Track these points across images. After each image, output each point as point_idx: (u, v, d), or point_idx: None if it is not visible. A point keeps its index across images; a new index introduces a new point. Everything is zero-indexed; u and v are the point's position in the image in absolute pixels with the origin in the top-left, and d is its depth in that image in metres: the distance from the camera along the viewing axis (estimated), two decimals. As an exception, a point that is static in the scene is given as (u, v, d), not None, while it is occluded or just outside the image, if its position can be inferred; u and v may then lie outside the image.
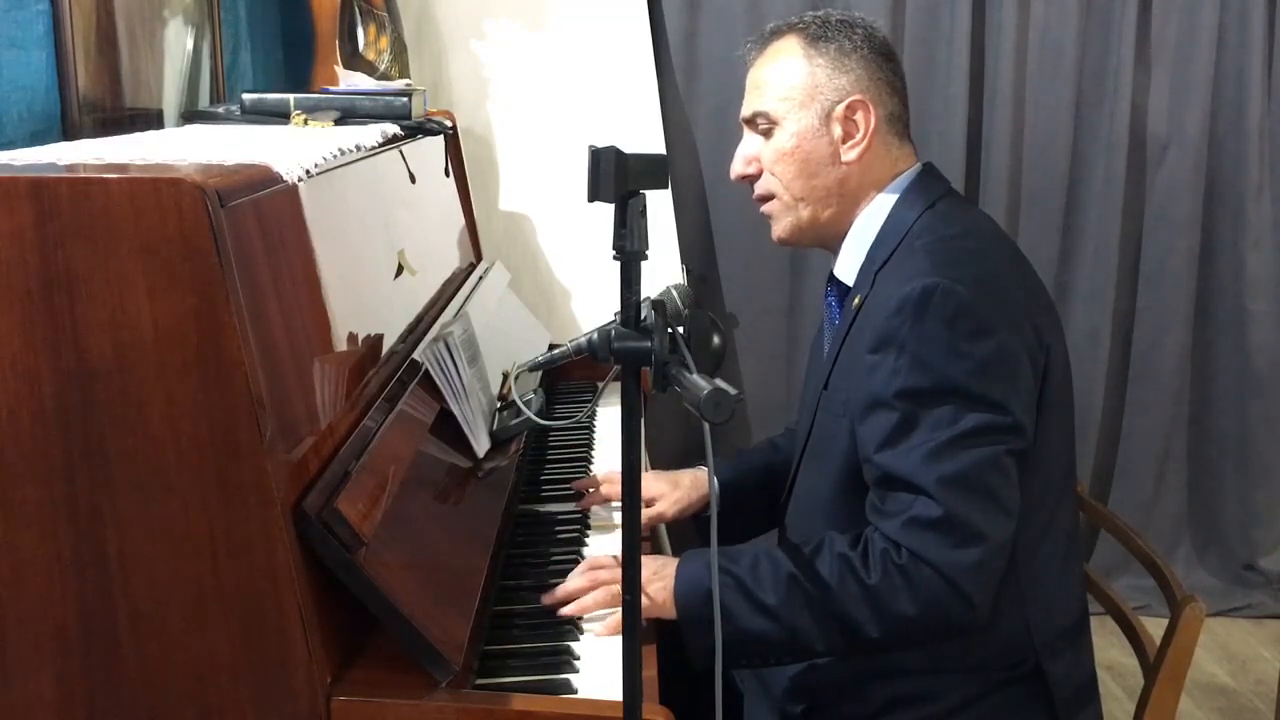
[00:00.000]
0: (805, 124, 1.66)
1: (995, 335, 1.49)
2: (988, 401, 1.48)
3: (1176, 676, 1.58)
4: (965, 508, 1.46)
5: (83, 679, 1.23)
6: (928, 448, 1.47)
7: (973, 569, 1.46)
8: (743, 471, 1.96)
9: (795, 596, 1.49)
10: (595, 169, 1.19)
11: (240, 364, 1.18)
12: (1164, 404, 3.50)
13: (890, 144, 1.69)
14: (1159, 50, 3.35)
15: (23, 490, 1.20)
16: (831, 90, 1.65)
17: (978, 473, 1.47)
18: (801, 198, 1.68)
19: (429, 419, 1.63)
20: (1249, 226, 3.42)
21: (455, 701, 1.28)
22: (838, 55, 1.66)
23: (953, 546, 1.45)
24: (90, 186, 1.16)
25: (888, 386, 1.51)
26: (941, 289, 1.49)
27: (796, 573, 1.50)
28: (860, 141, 1.65)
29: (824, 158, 1.66)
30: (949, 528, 1.45)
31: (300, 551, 1.23)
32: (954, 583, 1.45)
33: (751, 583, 1.50)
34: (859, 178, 1.67)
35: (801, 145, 1.66)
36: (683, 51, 3.31)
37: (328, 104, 2.04)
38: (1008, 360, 1.50)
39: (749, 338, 3.46)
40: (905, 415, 1.49)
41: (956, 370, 1.48)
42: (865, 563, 1.48)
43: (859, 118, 1.65)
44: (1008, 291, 1.56)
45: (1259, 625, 3.46)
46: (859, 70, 1.66)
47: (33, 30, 1.73)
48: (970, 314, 1.49)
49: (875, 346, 1.54)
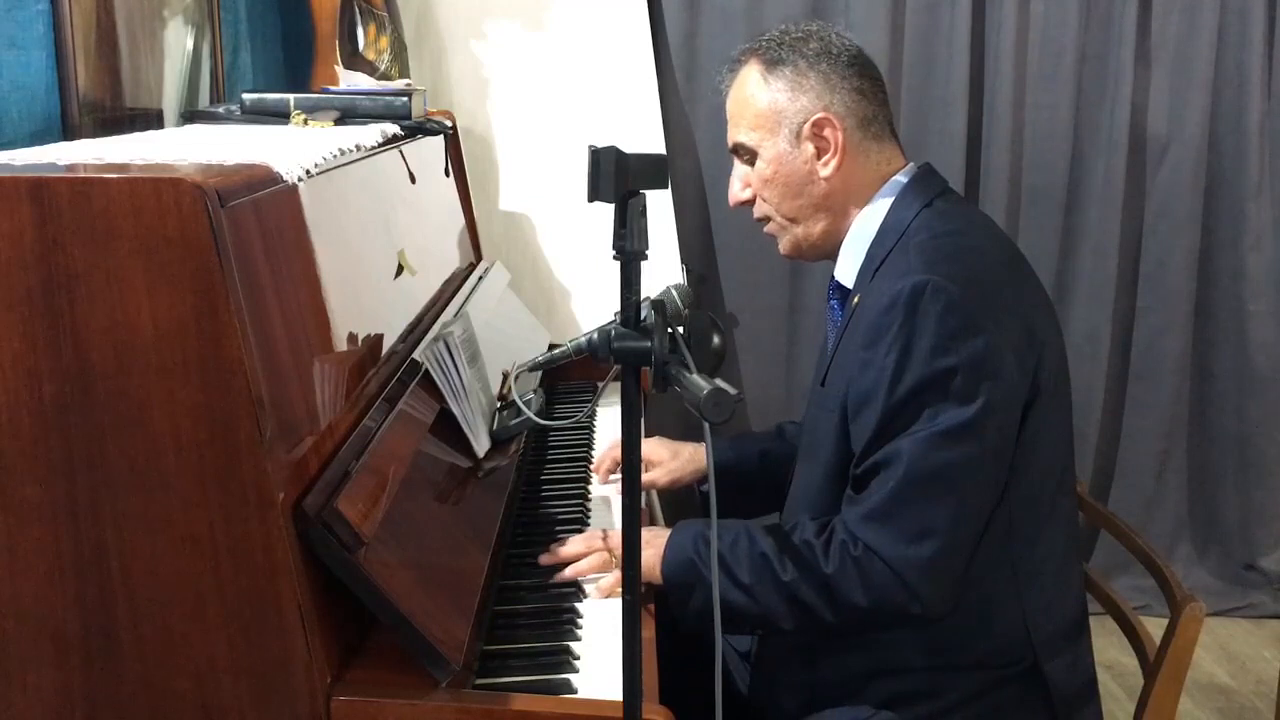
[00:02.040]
0: (778, 149, 1.68)
1: (984, 333, 1.50)
2: (969, 399, 1.49)
3: (1176, 676, 1.58)
4: (924, 505, 1.49)
5: (83, 679, 1.23)
6: (904, 443, 1.50)
7: (922, 564, 1.49)
8: (741, 455, 2.01)
9: (764, 576, 1.54)
10: (595, 169, 1.19)
11: (240, 364, 1.18)
12: (1164, 404, 3.50)
13: (869, 149, 1.69)
14: (1159, 50, 3.35)
15: (23, 490, 1.20)
16: (794, 112, 1.67)
17: (947, 471, 1.49)
18: (792, 218, 1.72)
19: (429, 419, 1.63)
20: (1249, 226, 3.41)
21: (455, 701, 1.28)
22: (793, 76, 1.67)
23: (905, 543, 1.49)
24: (90, 186, 1.16)
25: (877, 382, 1.52)
26: (932, 286, 1.50)
27: (768, 553, 1.55)
28: (833, 155, 1.67)
29: (803, 177, 1.68)
30: (904, 524, 1.49)
31: (300, 551, 1.23)
32: (903, 577, 1.49)
33: (730, 558, 1.56)
34: (842, 188, 1.69)
35: (780, 170, 1.69)
36: (683, 51, 3.31)
37: (328, 104, 2.04)
38: (994, 359, 1.51)
39: (749, 338, 3.46)
40: (889, 411, 1.51)
41: (942, 367, 1.49)
42: (826, 551, 1.53)
43: (827, 134, 1.67)
44: (999, 289, 1.57)
45: (1259, 625, 3.46)
46: (818, 86, 1.67)
47: (33, 30, 1.73)
48: (960, 311, 1.50)
49: (867, 343, 1.55)
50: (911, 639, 1.58)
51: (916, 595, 1.49)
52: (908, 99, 3.30)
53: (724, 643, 1.50)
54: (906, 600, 1.50)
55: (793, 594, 1.53)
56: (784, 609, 1.54)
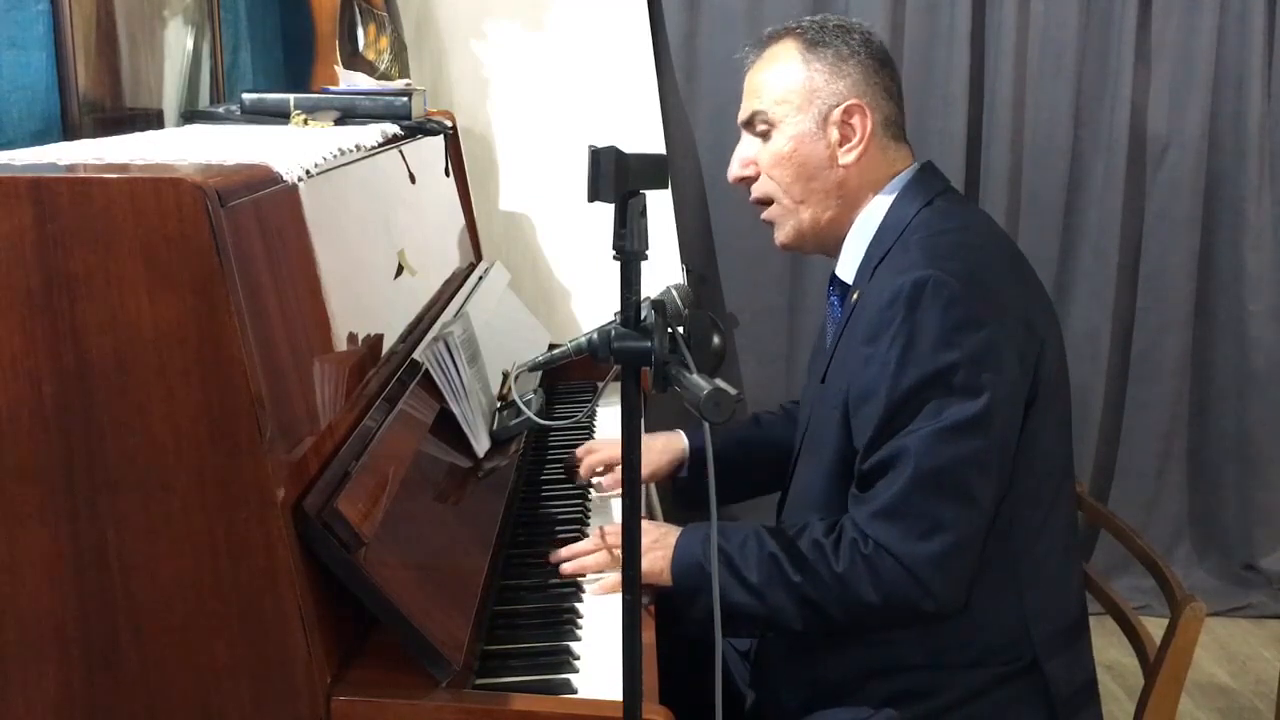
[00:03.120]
0: (803, 127, 1.67)
1: (985, 327, 1.50)
2: (974, 394, 1.49)
3: (1176, 676, 1.58)
4: (934, 501, 1.49)
5: (83, 679, 1.23)
6: (910, 439, 1.50)
7: (934, 561, 1.49)
8: (721, 444, 1.98)
9: (774, 577, 1.54)
10: (595, 169, 1.19)
11: (240, 364, 1.18)
12: (1164, 404, 3.50)
13: (887, 147, 1.70)
14: (1159, 50, 3.35)
15: (23, 490, 1.20)
16: (829, 94, 1.67)
17: (955, 466, 1.49)
18: (801, 200, 1.70)
19: (429, 419, 1.63)
20: (1249, 226, 3.42)
21: (455, 701, 1.28)
22: (835, 60, 1.67)
23: (916, 539, 1.49)
24: (90, 186, 1.16)
25: (879, 378, 1.52)
26: (933, 281, 1.50)
27: (777, 553, 1.55)
28: (857, 144, 1.67)
29: (821, 160, 1.67)
30: (914, 520, 1.49)
31: (300, 551, 1.23)
32: (915, 574, 1.49)
33: (739, 560, 1.56)
34: (856, 180, 1.68)
35: (799, 148, 1.67)
36: (683, 51, 3.31)
37: (328, 104, 2.04)
38: (996, 353, 1.51)
39: (749, 338, 3.46)
40: (893, 407, 1.51)
41: (945, 362, 1.49)
42: (836, 550, 1.52)
43: (855, 121, 1.67)
44: (1000, 285, 1.57)
45: (1259, 625, 3.46)
46: (856, 75, 1.67)
47: (33, 30, 1.73)
48: (961, 306, 1.50)
49: (869, 338, 1.55)
50: (911, 638, 1.58)
51: (929, 591, 1.49)
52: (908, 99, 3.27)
53: (724, 642, 1.50)
54: (919, 597, 1.49)
55: (803, 594, 1.53)
56: (794, 610, 1.54)
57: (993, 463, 1.52)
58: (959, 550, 1.50)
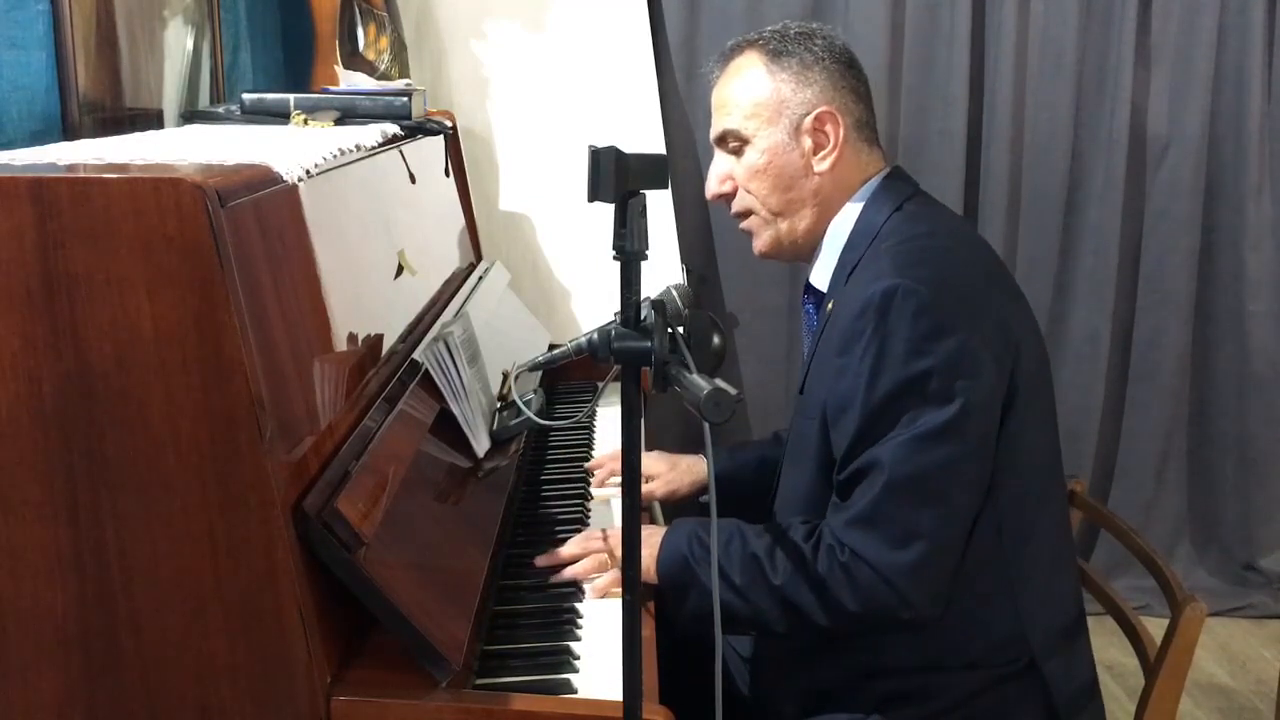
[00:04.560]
0: (775, 139, 1.68)
1: (957, 334, 1.50)
2: (947, 401, 1.49)
3: (1176, 676, 1.58)
4: (909, 509, 1.49)
5: (83, 679, 1.23)
6: (884, 448, 1.50)
7: (910, 569, 1.49)
8: (737, 464, 2.01)
9: (756, 578, 1.54)
10: (595, 169, 1.19)
11: (240, 364, 1.18)
12: (1164, 404, 3.50)
13: (860, 150, 1.71)
14: (1159, 50, 3.35)
15: (23, 490, 1.20)
16: (798, 103, 1.67)
17: (930, 473, 1.49)
18: (779, 211, 1.71)
19: (429, 419, 1.64)
20: (1249, 226, 3.42)
21: (455, 701, 1.28)
22: (800, 68, 1.68)
23: (891, 547, 1.49)
24: (90, 186, 1.16)
25: (853, 389, 1.53)
26: (903, 290, 1.50)
27: (759, 555, 1.55)
28: (831, 151, 1.68)
29: (797, 170, 1.68)
30: (889, 528, 1.49)
31: (300, 551, 1.23)
32: (891, 583, 1.49)
33: (723, 559, 1.55)
34: (832, 186, 1.69)
35: (774, 160, 1.68)
36: (683, 51, 3.31)
37: (328, 104, 2.04)
38: (970, 358, 1.51)
39: (749, 338, 3.46)
40: (868, 417, 1.51)
41: (917, 370, 1.49)
42: (815, 557, 1.52)
43: (829, 129, 1.67)
44: (971, 289, 1.57)
45: (1259, 625, 3.45)
46: (823, 81, 1.68)
47: (33, 30, 1.73)
48: (931, 313, 1.50)
49: (841, 349, 1.56)
50: (908, 640, 1.58)
51: (906, 600, 1.49)
52: (908, 99, 3.30)
53: (724, 643, 1.50)
54: (896, 605, 1.49)
55: (784, 597, 1.53)
56: (776, 612, 1.54)
57: (969, 469, 1.52)
58: (936, 557, 1.50)
